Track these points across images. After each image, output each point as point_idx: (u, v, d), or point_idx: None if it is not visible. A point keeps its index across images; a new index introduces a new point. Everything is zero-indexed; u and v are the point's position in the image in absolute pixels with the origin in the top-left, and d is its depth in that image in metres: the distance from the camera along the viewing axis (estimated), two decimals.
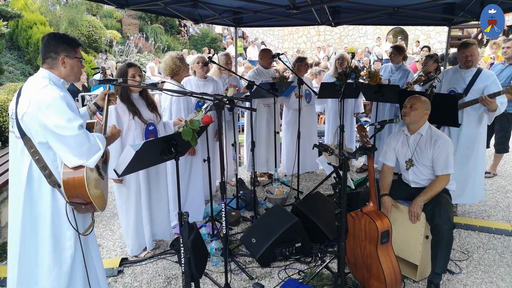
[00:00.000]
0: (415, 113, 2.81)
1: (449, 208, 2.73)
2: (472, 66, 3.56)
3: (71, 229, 2.10)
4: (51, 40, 2.10)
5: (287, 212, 3.41)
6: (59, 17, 11.33)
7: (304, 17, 5.06)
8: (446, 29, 5.08)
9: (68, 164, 1.99)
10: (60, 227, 2.11)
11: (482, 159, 3.78)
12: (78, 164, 1.99)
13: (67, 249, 2.13)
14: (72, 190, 2.00)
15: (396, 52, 4.94)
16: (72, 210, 2.09)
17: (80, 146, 1.97)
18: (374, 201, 2.57)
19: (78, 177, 1.99)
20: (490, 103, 3.32)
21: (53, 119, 1.94)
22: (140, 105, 3.08)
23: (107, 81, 2.41)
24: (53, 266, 2.12)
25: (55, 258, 2.12)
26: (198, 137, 2.32)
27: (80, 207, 2.08)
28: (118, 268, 3.13)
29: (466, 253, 3.35)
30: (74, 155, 1.97)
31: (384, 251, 2.47)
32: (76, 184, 1.99)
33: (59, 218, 2.09)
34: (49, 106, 1.94)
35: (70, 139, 1.95)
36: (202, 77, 4.20)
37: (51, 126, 1.94)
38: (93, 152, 2.01)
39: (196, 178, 3.96)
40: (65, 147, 1.97)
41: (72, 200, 2.03)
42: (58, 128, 1.94)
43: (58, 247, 2.12)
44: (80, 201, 2.04)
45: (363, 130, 2.37)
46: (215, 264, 3.22)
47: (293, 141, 4.99)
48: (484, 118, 3.65)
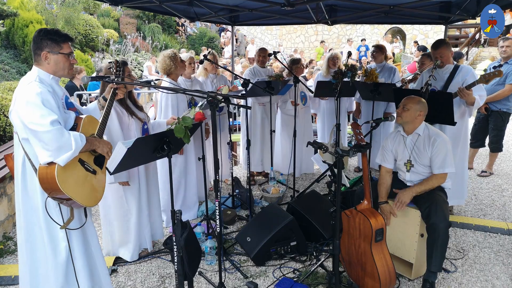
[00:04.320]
0: (407, 114, 2.79)
1: (445, 207, 2.72)
2: (446, 63, 3.57)
3: (61, 222, 2.14)
4: (36, 37, 2.13)
5: (282, 210, 3.39)
6: (55, 16, 11.29)
7: (301, 15, 5.05)
8: (443, 29, 5.07)
9: (40, 160, 2.01)
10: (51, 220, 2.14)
11: (465, 156, 3.78)
12: (49, 161, 1.99)
13: (61, 240, 2.19)
14: (46, 184, 2.01)
15: (379, 50, 4.94)
16: (58, 204, 2.13)
17: (51, 143, 1.96)
18: (368, 199, 2.56)
19: (50, 172, 1.99)
20: (467, 95, 3.32)
21: (28, 115, 1.97)
22: (131, 106, 3.07)
23: (100, 78, 2.39)
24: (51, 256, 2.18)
25: (51, 249, 2.18)
26: (191, 135, 2.30)
27: (62, 202, 2.10)
28: (112, 267, 3.10)
29: (462, 252, 3.34)
30: (45, 151, 1.98)
31: (378, 249, 2.45)
32: (49, 179, 1.99)
33: (50, 211, 2.12)
34: (27, 102, 1.99)
35: (42, 135, 1.96)
36: (189, 77, 4.17)
37: (27, 122, 1.98)
38: (63, 151, 1.99)
39: (190, 176, 3.94)
40: (39, 143, 1.99)
41: (52, 195, 2.04)
42: (31, 123, 1.97)
43: (52, 239, 2.18)
44: (59, 196, 2.04)
45: (357, 128, 2.35)
46: (209, 263, 3.20)
47: (288, 141, 4.98)
48: (465, 115, 3.65)
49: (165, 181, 3.75)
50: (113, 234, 3.20)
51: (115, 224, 3.16)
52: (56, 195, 2.04)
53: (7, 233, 3.74)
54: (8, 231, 3.78)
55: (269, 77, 4.71)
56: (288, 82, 4.45)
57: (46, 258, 2.19)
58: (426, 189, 2.76)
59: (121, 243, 3.22)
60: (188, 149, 3.86)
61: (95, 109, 2.55)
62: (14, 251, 3.46)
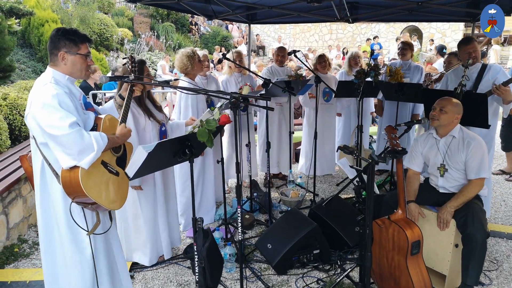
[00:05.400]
0: (445, 116, 2.61)
1: (482, 216, 2.54)
2: (476, 62, 3.38)
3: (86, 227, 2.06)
4: (53, 36, 2.03)
5: (305, 216, 3.24)
6: (70, 15, 11.30)
7: (323, 12, 4.87)
8: (461, 27, 4.86)
9: (62, 164, 1.91)
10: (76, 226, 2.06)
11: (491, 159, 3.58)
12: (72, 165, 1.89)
13: (86, 246, 2.11)
14: (70, 189, 1.91)
15: (408, 47, 4.71)
16: (82, 209, 2.05)
17: (72, 146, 1.87)
18: (403, 208, 2.39)
19: (74, 176, 1.89)
20: (505, 92, 3.11)
21: (45, 119, 1.88)
22: (150, 106, 2.95)
23: (118, 78, 2.28)
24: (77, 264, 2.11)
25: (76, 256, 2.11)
26: (214, 138, 2.17)
27: (87, 206, 2.00)
28: (129, 273, 3.00)
29: (495, 263, 3.14)
30: (67, 155, 1.88)
31: (414, 262, 2.28)
32: (72, 183, 1.89)
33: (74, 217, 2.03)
34: (43, 105, 1.89)
35: (62, 139, 1.86)
36: (204, 75, 4.05)
37: (44, 125, 1.88)
38: (86, 153, 1.89)
39: (208, 180, 3.82)
40: (58, 147, 1.89)
41: (76, 200, 1.94)
42: (49, 127, 1.87)
43: (78, 247, 2.11)
44: (83, 200, 1.94)
45: (393, 132, 2.19)
46: (229, 270, 3.07)
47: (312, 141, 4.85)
48: (497, 114, 3.46)
49: (183, 183, 3.64)
50: (129, 238, 3.09)
51: (131, 228, 3.05)
52: (81, 199, 1.96)
53: (22, 235, 3.67)
54: (23, 233, 3.71)
55: (289, 76, 4.56)
56: (308, 81, 4.29)
57: (66, 267, 2.11)
58: (464, 201, 2.56)
59: (137, 248, 3.11)
60: (206, 151, 3.74)
61: (111, 108, 2.45)
62: (29, 254, 3.39)
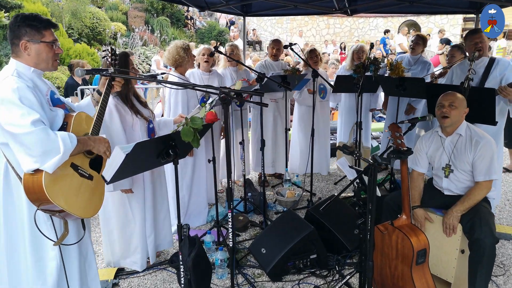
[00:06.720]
0: (456, 112, 2.42)
1: (490, 220, 2.36)
2: (483, 55, 3.22)
3: (54, 238, 1.85)
4: (12, 24, 1.80)
5: (302, 219, 3.06)
6: (61, 8, 11.02)
7: (320, 4, 4.67)
8: (460, 22, 4.67)
9: (23, 167, 1.70)
10: (41, 235, 1.84)
11: (500, 158, 3.45)
12: (34, 168, 1.68)
13: (51, 260, 1.89)
14: (33, 195, 1.71)
15: (421, 41, 4.47)
16: (50, 217, 1.84)
17: (34, 146, 1.66)
18: (407, 214, 2.21)
19: (37, 180, 1.68)
20: (511, 93, 2.94)
21: (5, 116, 1.67)
22: (135, 102, 2.74)
23: (96, 71, 2.07)
24: (37, 280, 1.89)
25: (38, 271, 1.89)
26: (200, 138, 1.98)
27: (54, 214, 1.80)
28: (113, 280, 2.80)
29: (502, 267, 2.97)
30: (29, 156, 1.67)
31: (419, 272, 2.11)
32: (35, 189, 1.69)
33: (40, 226, 1.82)
34: (2, 101, 1.67)
35: (23, 138, 1.66)
36: (207, 71, 3.85)
37: (4, 123, 1.68)
38: (50, 155, 1.68)
39: (199, 180, 3.62)
40: (19, 147, 1.68)
41: (41, 207, 1.73)
42: (9, 125, 1.66)
43: (40, 258, 1.89)
44: (49, 207, 1.73)
45: (397, 130, 2.00)
46: (220, 277, 2.88)
47: (306, 139, 4.63)
48: (504, 113, 3.29)
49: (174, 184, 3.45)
50: (114, 244, 2.89)
51: (115, 233, 2.85)
52: (46, 207, 1.75)
53: None
54: None
55: (285, 71, 4.36)
56: (305, 76, 4.09)
57: (29, 284, 1.89)
58: (472, 205, 2.39)
59: (126, 253, 2.91)
60: (198, 150, 3.53)
61: (88, 105, 2.23)
62: None
